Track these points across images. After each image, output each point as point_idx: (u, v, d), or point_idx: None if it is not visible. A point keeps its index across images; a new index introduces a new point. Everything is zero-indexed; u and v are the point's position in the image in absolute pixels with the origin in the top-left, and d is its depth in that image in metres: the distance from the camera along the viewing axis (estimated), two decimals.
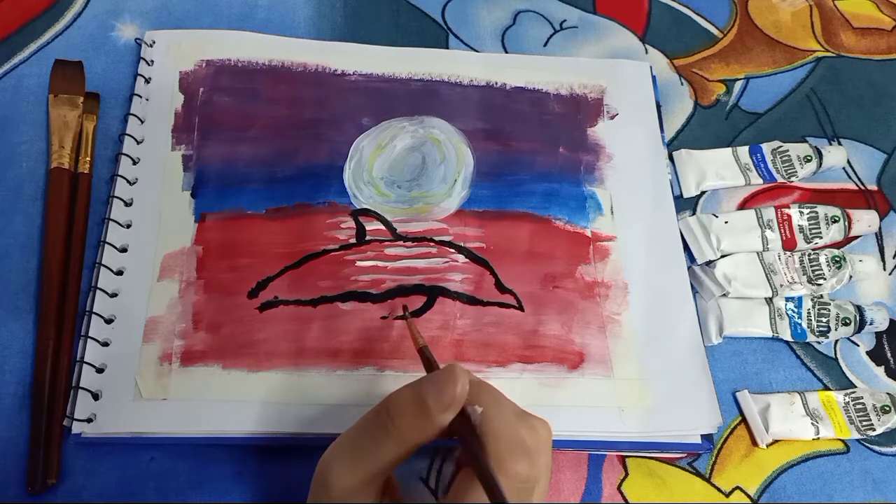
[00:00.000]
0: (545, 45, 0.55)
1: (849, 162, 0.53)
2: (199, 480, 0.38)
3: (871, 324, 0.46)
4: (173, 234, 0.43)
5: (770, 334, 0.45)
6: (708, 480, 0.42)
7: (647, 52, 0.56)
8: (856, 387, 0.45)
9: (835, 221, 0.49)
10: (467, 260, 0.44)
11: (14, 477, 0.37)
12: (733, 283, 0.46)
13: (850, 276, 0.47)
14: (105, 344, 0.40)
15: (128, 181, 0.44)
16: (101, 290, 0.41)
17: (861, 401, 0.44)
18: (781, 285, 0.46)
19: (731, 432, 0.43)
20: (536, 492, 0.30)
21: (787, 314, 0.46)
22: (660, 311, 0.45)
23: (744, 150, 0.52)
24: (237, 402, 0.39)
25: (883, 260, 0.50)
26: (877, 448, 0.44)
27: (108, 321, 0.40)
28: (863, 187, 0.53)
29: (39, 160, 0.45)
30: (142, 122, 0.47)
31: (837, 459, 0.43)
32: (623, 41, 0.56)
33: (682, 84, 0.55)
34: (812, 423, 0.43)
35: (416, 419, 0.30)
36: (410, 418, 0.30)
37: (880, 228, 0.51)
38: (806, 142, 0.53)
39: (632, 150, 0.50)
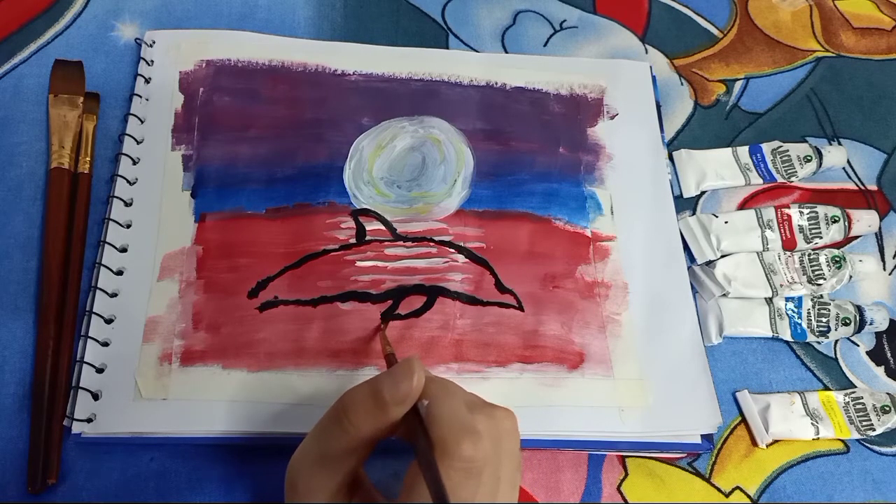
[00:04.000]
0: (545, 45, 0.55)
1: (849, 162, 0.53)
2: (199, 480, 0.38)
3: (871, 324, 0.46)
4: (173, 234, 0.43)
5: (770, 334, 0.45)
6: (708, 480, 0.42)
7: (647, 52, 0.56)
8: (856, 387, 0.45)
9: (835, 221, 0.49)
10: (467, 260, 0.44)
11: (14, 477, 0.37)
12: (733, 283, 0.46)
13: (850, 276, 0.47)
14: (105, 344, 0.40)
15: (128, 181, 0.44)
16: (101, 290, 0.41)
17: (861, 401, 0.44)
18: (781, 285, 0.46)
19: (731, 432, 0.43)
20: (490, 474, 0.30)
21: (787, 314, 0.46)
22: (660, 311, 0.45)
23: (744, 150, 0.52)
24: (237, 401, 0.39)
25: (883, 260, 0.50)
26: (877, 448, 0.44)
27: (108, 321, 0.40)
28: (863, 187, 0.53)
29: (39, 160, 0.45)
30: (142, 122, 0.47)
31: (837, 459, 0.43)
32: (623, 41, 0.56)
33: (682, 84, 0.55)
34: (812, 423, 0.43)
35: (371, 413, 0.31)
36: (365, 412, 0.31)
37: (880, 228, 0.51)
38: (806, 142, 0.53)
39: (632, 150, 0.50)
